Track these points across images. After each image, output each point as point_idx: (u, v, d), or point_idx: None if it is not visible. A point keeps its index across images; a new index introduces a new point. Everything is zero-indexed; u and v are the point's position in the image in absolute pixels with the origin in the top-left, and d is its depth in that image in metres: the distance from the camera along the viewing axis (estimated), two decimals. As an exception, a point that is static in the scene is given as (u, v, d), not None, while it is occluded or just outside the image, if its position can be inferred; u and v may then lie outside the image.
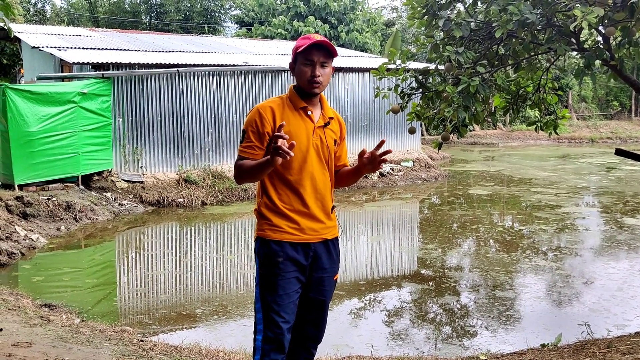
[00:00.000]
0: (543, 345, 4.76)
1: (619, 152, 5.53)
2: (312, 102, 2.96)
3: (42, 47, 13.78)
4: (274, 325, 2.78)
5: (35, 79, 12.98)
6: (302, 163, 2.87)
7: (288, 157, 2.56)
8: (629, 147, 24.59)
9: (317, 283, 2.92)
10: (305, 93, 2.92)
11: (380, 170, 2.95)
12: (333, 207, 3.00)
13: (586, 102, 34.80)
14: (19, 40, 16.56)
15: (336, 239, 3.01)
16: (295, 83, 2.99)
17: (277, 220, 2.85)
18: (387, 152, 2.95)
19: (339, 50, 22.52)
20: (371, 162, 3.00)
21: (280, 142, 2.55)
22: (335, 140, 3.03)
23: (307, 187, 2.88)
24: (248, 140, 2.86)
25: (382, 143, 2.97)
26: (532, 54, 5.26)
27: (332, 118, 3.03)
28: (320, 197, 2.92)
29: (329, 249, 2.95)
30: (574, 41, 4.92)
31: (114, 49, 14.93)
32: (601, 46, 4.87)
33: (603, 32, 4.67)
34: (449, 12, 5.20)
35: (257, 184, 2.98)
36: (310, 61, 2.86)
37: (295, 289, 2.83)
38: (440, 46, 5.27)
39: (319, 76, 2.87)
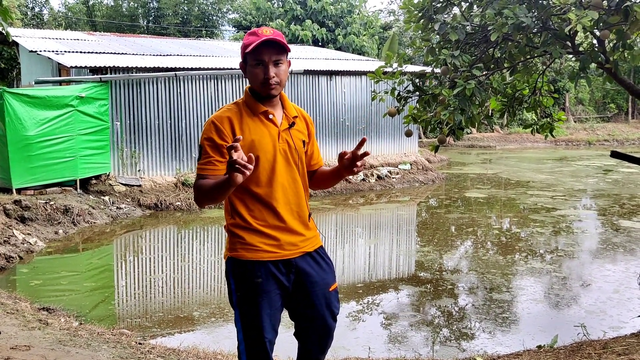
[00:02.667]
0: (539, 347, 4.78)
1: (615, 155, 5.56)
2: (271, 104, 2.67)
3: (40, 51, 13.80)
4: (258, 346, 2.61)
5: (33, 82, 12.99)
6: (271, 174, 2.62)
7: (247, 173, 2.27)
8: (626, 149, 24.66)
9: (308, 297, 2.69)
10: (262, 96, 2.65)
11: (359, 171, 2.68)
12: (310, 215, 2.77)
13: (583, 104, 34.90)
14: (17, 44, 16.57)
15: (320, 248, 2.77)
16: (249, 85, 2.71)
17: (251, 238, 2.61)
18: (365, 154, 2.62)
19: (336, 53, 22.55)
20: (352, 163, 2.66)
21: (235, 155, 2.24)
22: (303, 141, 2.76)
23: (279, 199, 2.63)
24: (206, 155, 2.56)
25: (363, 141, 2.61)
26: (528, 57, 5.30)
27: (296, 117, 2.74)
28: (296, 207, 2.68)
29: (315, 261, 2.72)
30: (569, 44, 4.96)
31: (111, 53, 14.94)
32: (596, 49, 4.90)
33: (598, 35, 4.70)
34: (445, 16, 5.24)
35: (224, 202, 2.69)
36: (260, 61, 2.57)
37: (277, 306, 2.64)
38: (437, 49, 5.31)
39: (272, 77, 2.58)
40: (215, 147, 2.56)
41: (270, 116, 2.65)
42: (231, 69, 14.17)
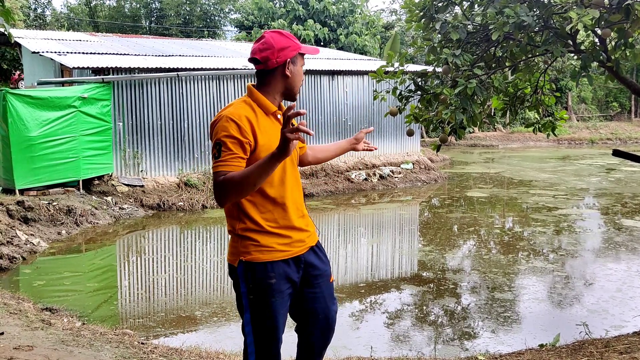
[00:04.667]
0: (541, 346, 4.78)
1: (617, 153, 5.56)
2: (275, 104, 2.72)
3: (42, 52, 13.82)
4: (270, 345, 2.63)
5: (36, 83, 13.02)
6: (282, 174, 2.62)
7: (301, 139, 2.30)
8: (629, 148, 24.61)
9: (313, 290, 2.74)
10: (293, 98, 2.69)
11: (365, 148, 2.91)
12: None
13: (586, 103, 34.85)
14: (19, 45, 16.60)
15: (318, 242, 2.84)
16: (254, 83, 2.71)
17: (265, 240, 2.59)
18: (372, 148, 2.93)
19: (338, 53, 22.52)
20: (357, 145, 2.92)
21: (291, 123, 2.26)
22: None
23: (288, 199, 2.65)
24: (229, 152, 2.46)
25: (367, 132, 2.84)
26: (529, 56, 5.29)
27: None
28: (299, 205, 2.72)
29: (316, 254, 2.77)
30: (571, 43, 4.95)
31: (114, 54, 14.97)
32: (597, 48, 4.90)
33: (599, 33, 4.69)
34: (446, 15, 5.23)
35: (229, 206, 2.64)
36: (302, 66, 2.70)
37: (287, 305, 2.68)
38: (438, 49, 5.31)
39: None
40: (238, 143, 2.48)
41: (279, 116, 2.66)
42: (233, 69, 14.19)
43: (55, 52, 13.86)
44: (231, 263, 2.68)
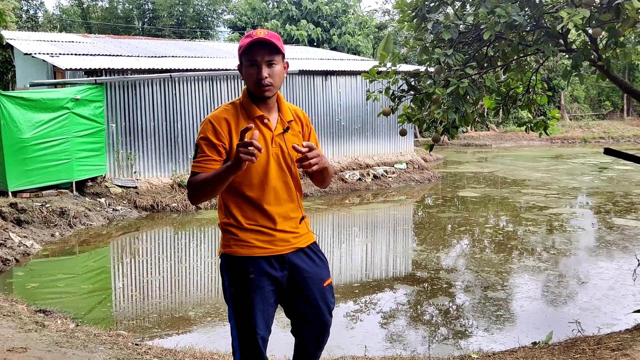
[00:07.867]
0: (534, 343, 4.81)
1: (608, 152, 5.59)
2: (267, 106, 2.69)
3: (35, 53, 13.78)
4: (250, 342, 2.64)
5: (28, 85, 12.98)
6: (263, 177, 2.64)
7: (255, 159, 2.34)
8: (621, 146, 24.71)
9: (302, 292, 2.72)
10: (257, 97, 2.66)
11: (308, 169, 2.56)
12: (303, 218, 2.79)
13: (578, 102, 34.95)
14: (11, 47, 16.54)
15: (314, 244, 2.80)
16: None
17: (244, 235, 2.64)
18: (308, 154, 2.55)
19: (331, 53, 22.51)
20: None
21: (247, 140, 2.34)
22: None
23: (271, 203, 2.66)
24: (202, 154, 2.59)
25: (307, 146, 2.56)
26: (521, 55, 5.32)
27: (291, 121, 2.76)
28: (288, 210, 2.71)
29: (308, 256, 2.75)
30: (562, 42, 4.98)
31: (106, 55, 14.95)
32: (589, 47, 4.93)
33: (590, 32, 4.72)
34: (438, 15, 5.25)
35: (218, 200, 2.73)
36: (253, 62, 2.59)
37: (270, 302, 2.67)
38: (430, 48, 5.33)
39: (265, 78, 2.58)
40: (211, 146, 2.59)
41: (266, 121, 2.67)
42: (226, 70, 14.18)
43: (48, 54, 13.81)
44: (219, 255, 2.77)
